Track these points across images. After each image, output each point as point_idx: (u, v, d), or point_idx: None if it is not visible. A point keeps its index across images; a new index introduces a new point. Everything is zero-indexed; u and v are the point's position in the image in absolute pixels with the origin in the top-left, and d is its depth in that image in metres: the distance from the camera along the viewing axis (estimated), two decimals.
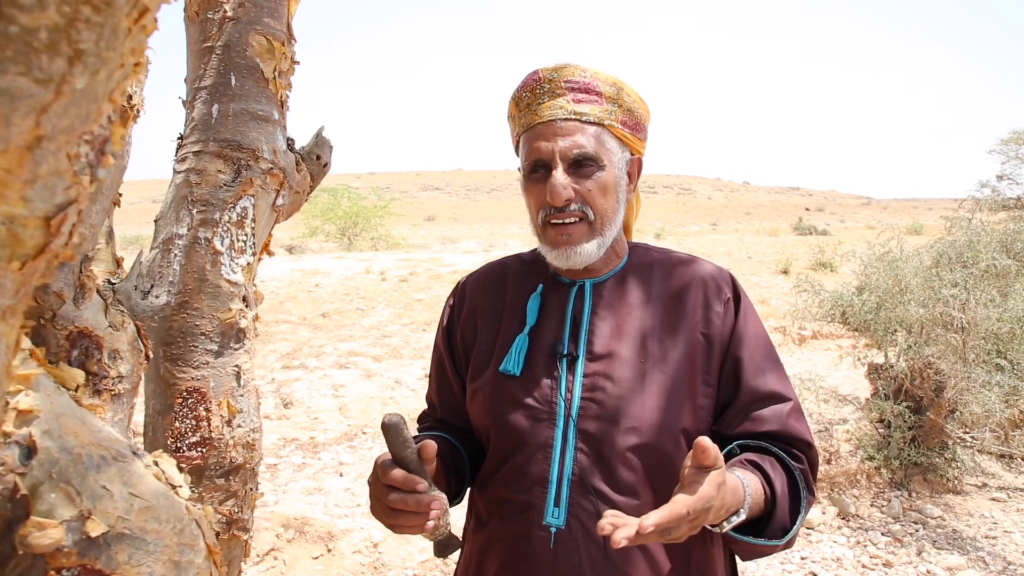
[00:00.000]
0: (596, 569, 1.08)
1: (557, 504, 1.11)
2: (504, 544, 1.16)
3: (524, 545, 1.12)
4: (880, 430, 4.59)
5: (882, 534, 3.89)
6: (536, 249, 1.36)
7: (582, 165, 1.15)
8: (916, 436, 4.38)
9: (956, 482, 4.37)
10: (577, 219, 1.16)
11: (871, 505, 4.21)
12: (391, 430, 0.97)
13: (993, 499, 4.30)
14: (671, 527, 0.88)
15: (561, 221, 1.16)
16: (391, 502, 0.99)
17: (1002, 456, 4.76)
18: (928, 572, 3.50)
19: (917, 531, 3.92)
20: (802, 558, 3.67)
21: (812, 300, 5.03)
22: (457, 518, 1.29)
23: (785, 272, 13.05)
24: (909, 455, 4.34)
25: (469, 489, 1.33)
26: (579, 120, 1.15)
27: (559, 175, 1.13)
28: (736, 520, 1.00)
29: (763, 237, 27.02)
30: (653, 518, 0.87)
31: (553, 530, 1.10)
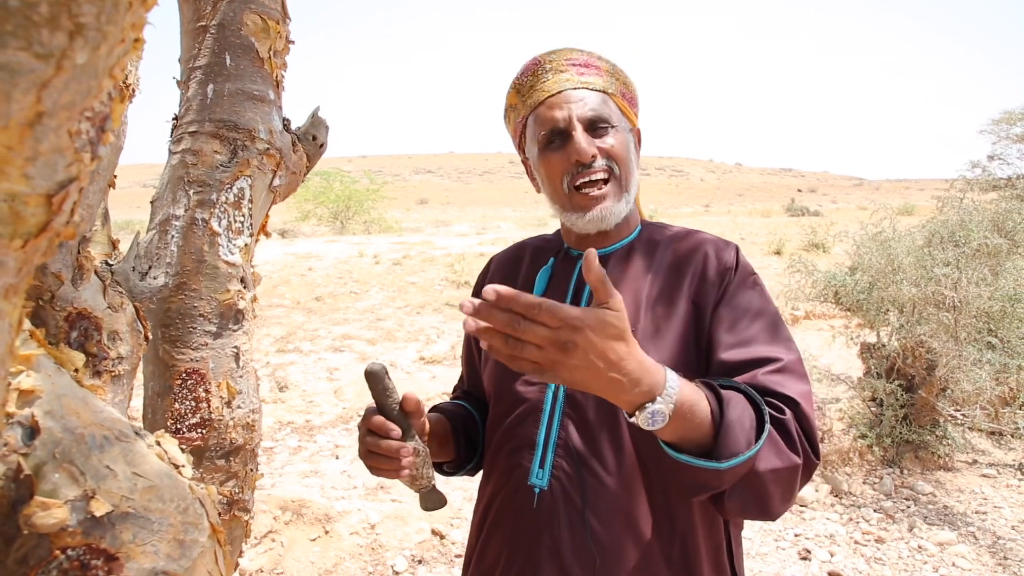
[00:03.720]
0: (574, 529, 1.11)
1: (542, 466, 1.16)
2: (498, 501, 1.21)
3: (513, 502, 1.17)
4: (872, 409, 4.63)
5: (874, 511, 3.94)
6: (557, 231, 1.40)
7: (597, 126, 1.19)
8: (908, 414, 4.41)
9: (947, 459, 4.42)
10: (605, 175, 1.19)
11: (863, 482, 4.25)
12: (372, 378, 1.05)
13: (983, 475, 4.35)
14: (516, 309, 0.80)
15: (589, 179, 1.18)
16: (367, 444, 1.08)
17: (992, 433, 4.81)
18: (919, 547, 3.55)
19: (908, 507, 3.96)
20: (796, 535, 3.71)
21: (805, 280, 5.05)
22: (452, 491, 1.28)
23: (778, 253, 13.08)
24: (901, 433, 4.38)
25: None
26: (586, 88, 1.20)
27: (580, 135, 1.17)
28: (653, 408, 0.89)
29: (756, 218, 27.04)
30: (500, 288, 0.80)
31: (536, 490, 1.15)
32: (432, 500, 1.16)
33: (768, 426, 0.98)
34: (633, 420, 0.91)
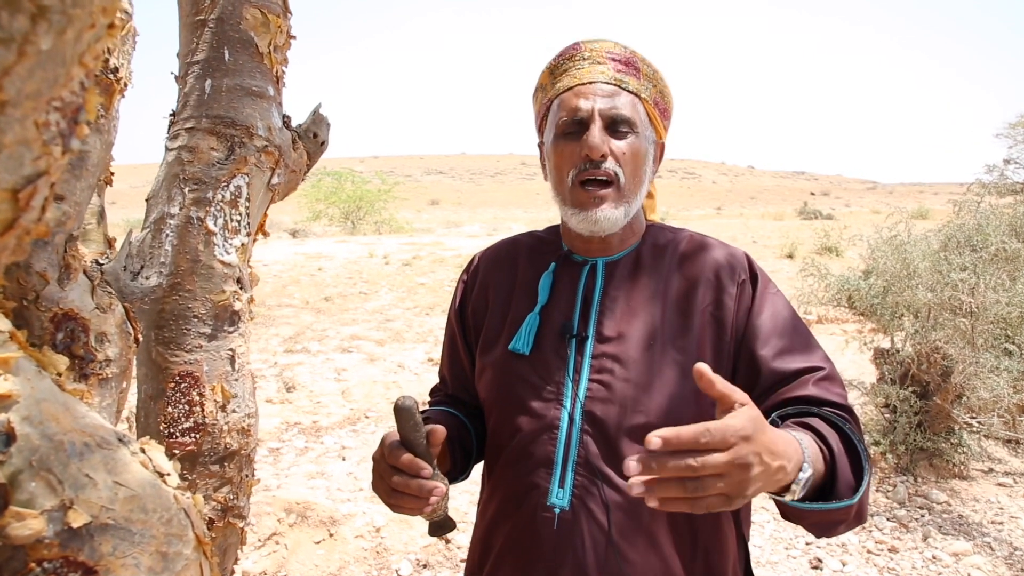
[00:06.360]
0: (599, 551, 1.07)
1: (562, 486, 1.10)
2: (510, 523, 1.16)
3: (528, 525, 1.12)
4: (886, 415, 4.56)
5: (887, 519, 3.87)
6: (549, 228, 1.37)
7: (618, 127, 1.16)
8: (922, 421, 4.35)
9: (962, 467, 4.35)
10: (609, 181, 1.15)
11: (876, 490, 4.19)
12: (403, 413, 0.97)
13: (999, 484, 4.28)
14: (686, 448, 0.73)
15: (594, 178, 1.15)
16: (394, 484, 0.99)
17: (1008, 441, 4.74)
18: (934, 558, 3.49)
19: (923, 516, 3.90)
20: (807, 544, 3.66)
21: (818, 284, 4.99)
22: (459, 494, 1.26)
23: (791, 256, 13.02)
24: (915, 440, 4.31)
25: (479, 464, 1.33)
26: (619, 87, 1.17)
27: (596, 130, 1.13)
28: (804, 477, 0.86)
29: (768, 221, 26.93)
30: (660, 431, 0.74)
31: (557, 511, 1.10)
32: (445, 527, 1.10)
33: (863, 451, 0.99)
34: (784, 498, 0.89)
